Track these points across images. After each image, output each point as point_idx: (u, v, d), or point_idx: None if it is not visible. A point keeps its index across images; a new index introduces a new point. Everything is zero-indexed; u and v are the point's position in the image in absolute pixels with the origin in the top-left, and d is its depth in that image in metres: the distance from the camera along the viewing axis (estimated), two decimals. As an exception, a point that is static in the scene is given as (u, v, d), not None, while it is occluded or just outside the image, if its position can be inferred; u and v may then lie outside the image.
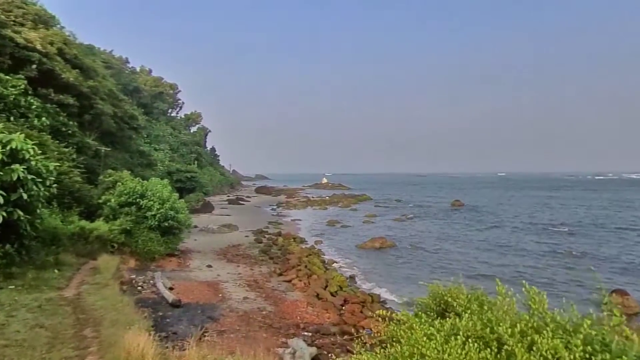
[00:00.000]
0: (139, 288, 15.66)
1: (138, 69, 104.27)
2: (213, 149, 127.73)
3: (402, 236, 37.63)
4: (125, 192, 21.66)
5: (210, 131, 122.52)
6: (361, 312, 14.85)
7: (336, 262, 26.10)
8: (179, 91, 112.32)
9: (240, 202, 69.59)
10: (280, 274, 20.69)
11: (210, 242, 29.56)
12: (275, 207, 66.64)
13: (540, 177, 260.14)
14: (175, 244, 23.01)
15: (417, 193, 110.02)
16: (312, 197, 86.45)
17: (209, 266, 21.69)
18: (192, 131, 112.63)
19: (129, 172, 28.27)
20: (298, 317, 14.07)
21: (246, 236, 33.42)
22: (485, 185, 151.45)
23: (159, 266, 20.57)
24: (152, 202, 21.33)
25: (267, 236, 33.72)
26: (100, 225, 18.14)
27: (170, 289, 15.82)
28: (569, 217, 52.72)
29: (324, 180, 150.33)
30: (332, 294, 17.13)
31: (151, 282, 16.66)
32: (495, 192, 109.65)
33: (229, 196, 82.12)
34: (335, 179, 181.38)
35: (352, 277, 22.02)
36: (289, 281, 19.43)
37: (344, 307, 15.53)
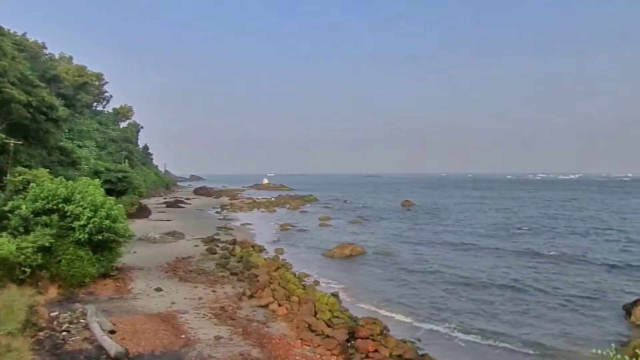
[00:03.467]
0: (64, 334, 11.01)
1: (57, 56, 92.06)
2: (146, 147, 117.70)
3: (367, 241, 35.11)
4: (42, 195, 16.48)
5: (142, 127, 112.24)
6: (376, 350, 11.48)
7: (309, 276, 22.58)
8: (106, 82, 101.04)
9: (180, 205, 63.19)
10: (251, 296, 16.70)
11: (154, 255, 24.57)
12: (219, 209, 61.48)
13: (494, 178, 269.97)
14: (111, 261, 18.06)
15: (362, 193, 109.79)
16: (257, 199, 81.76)
17: (158, 289, 17.13)
18: (122, 127, 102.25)
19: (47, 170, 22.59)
20: (298, 366, 10.40)
21: (196, 245, 28.67)
22: (427, 186, 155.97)
23: (91, 293, 15.74)
24: (81, 209, 16.35)
25: (220, 245, 29.23)
26: (3, 243, 12.98)
27: (112, 332, 11.34)
28: (512, 216, 53.76)
29: (265, 181, 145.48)
30: (327, 324, 13.58)
31: (82, 321, 12.02)
32: (437, 192, 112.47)
33: (165, 198, 75.08)
34: (276, 180, 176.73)
35: (334, 295, 18.60)
36: (266, 306, 15.57)
37: (350, 344, 12.05)
